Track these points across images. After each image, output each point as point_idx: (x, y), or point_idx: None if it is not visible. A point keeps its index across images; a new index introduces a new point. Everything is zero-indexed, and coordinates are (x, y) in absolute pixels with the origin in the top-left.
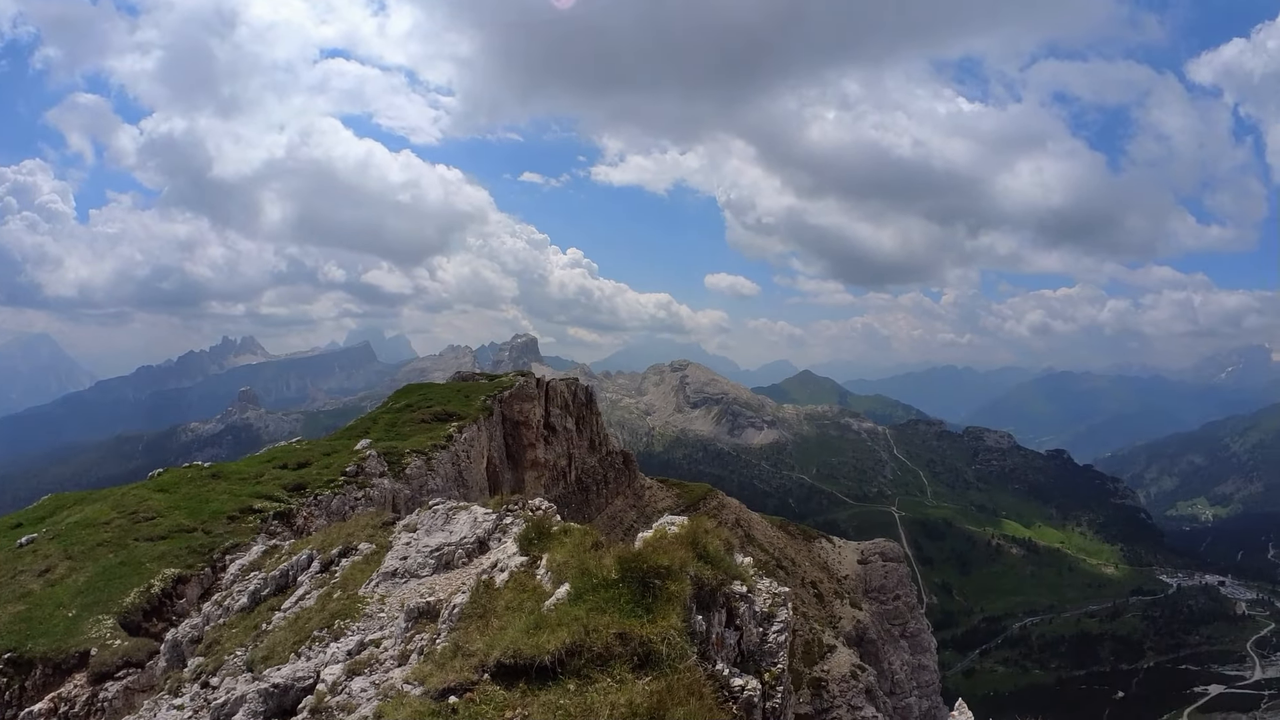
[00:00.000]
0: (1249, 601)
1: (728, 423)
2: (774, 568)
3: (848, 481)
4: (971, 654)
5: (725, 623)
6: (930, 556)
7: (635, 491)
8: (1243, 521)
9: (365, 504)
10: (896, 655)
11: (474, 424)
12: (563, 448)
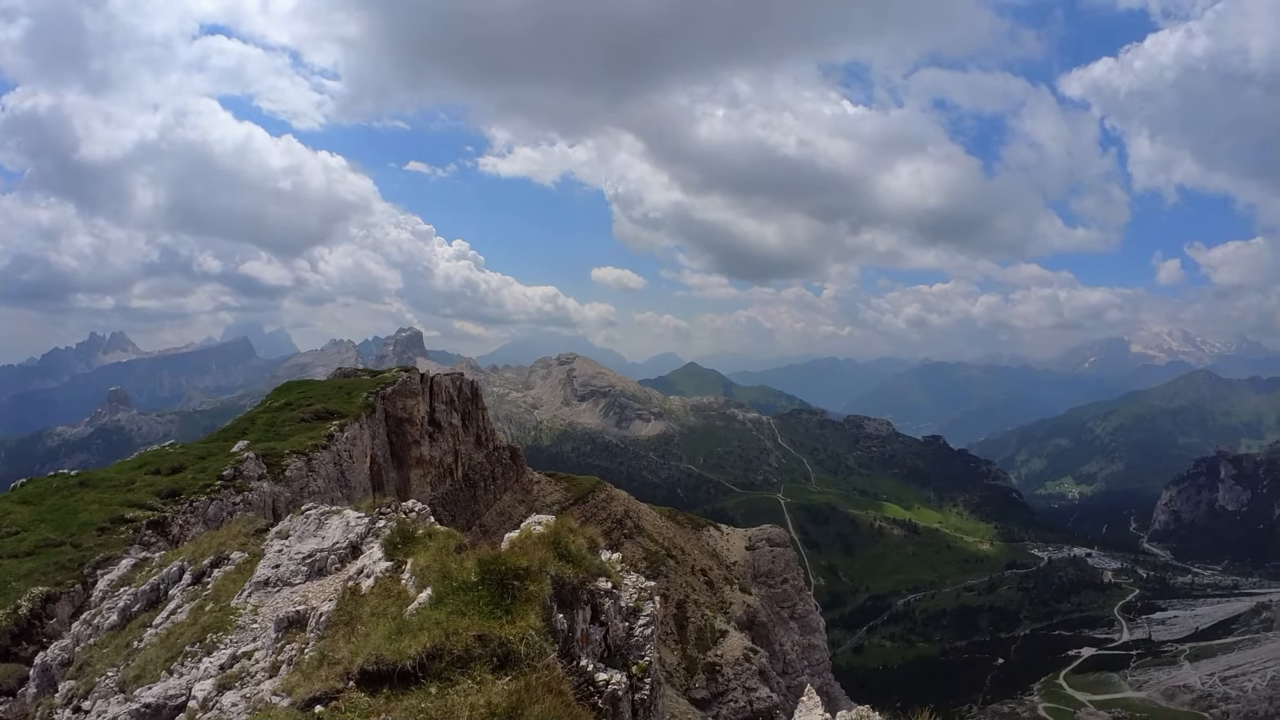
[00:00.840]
0: (1114, 570)
1: (615, 415)
2: (664, 557)
3: (734, 470)
4: (860, 631)
5: (590, 619)
6: (816, 540)
7: (523, 486)
8: (1106, 498)
9: (244, 509)
10: (787, 636)
11: (356, 422)
12: (449, 444)
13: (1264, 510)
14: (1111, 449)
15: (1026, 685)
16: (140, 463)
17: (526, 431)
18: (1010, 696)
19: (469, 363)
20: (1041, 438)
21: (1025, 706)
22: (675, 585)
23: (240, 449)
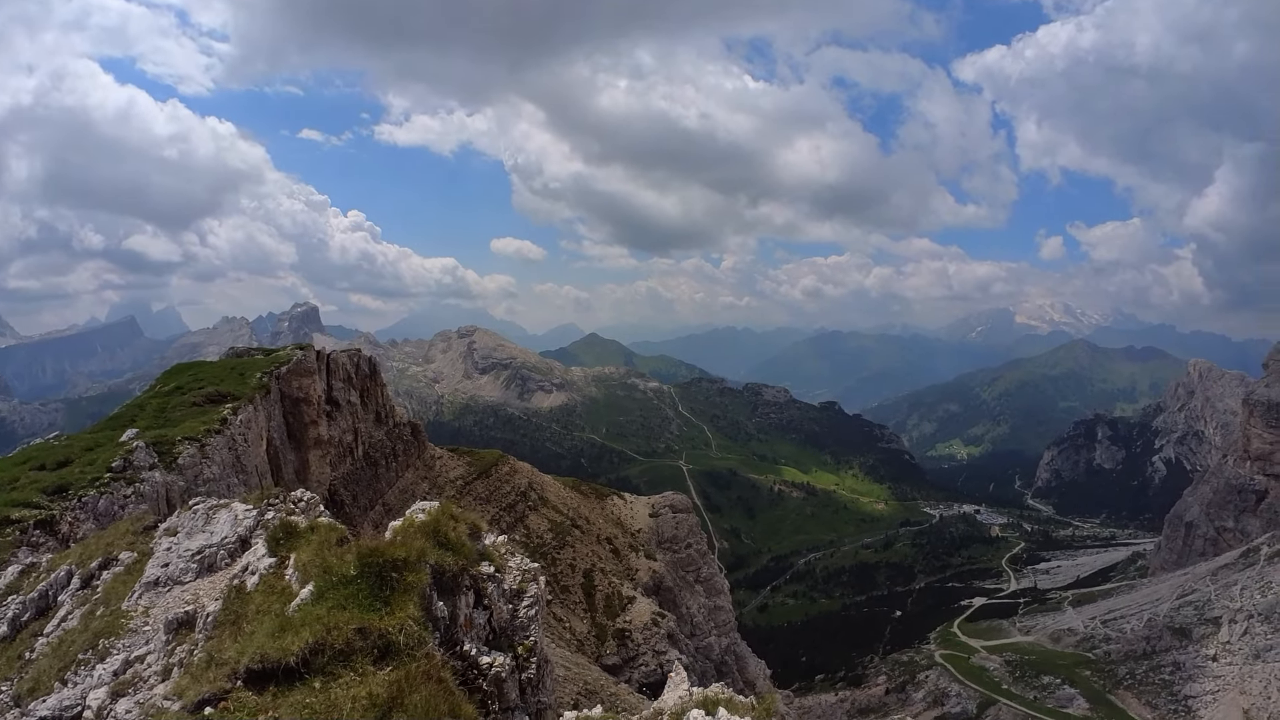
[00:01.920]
0: (1001, 525)
1: (517, 387)
2: (569, 527)
3: (637, 439)
4: (764, 591)
5: (474, 604)
6: (718, 505)
7: (426, 463)
8: (992, 458)
9: (136, 502)
10: (693, 599)
11: (250, 404)
12: (348, 423)
13: (1137, 468)
14: (997, 413)
15: (923, 635)
16: (24, 458)
17: (428, 406)
18: (909, 646)
19: (367, 337)
20: (932, 403)
21: (923, 655)
22: (581, 554)
23: (129, 438)
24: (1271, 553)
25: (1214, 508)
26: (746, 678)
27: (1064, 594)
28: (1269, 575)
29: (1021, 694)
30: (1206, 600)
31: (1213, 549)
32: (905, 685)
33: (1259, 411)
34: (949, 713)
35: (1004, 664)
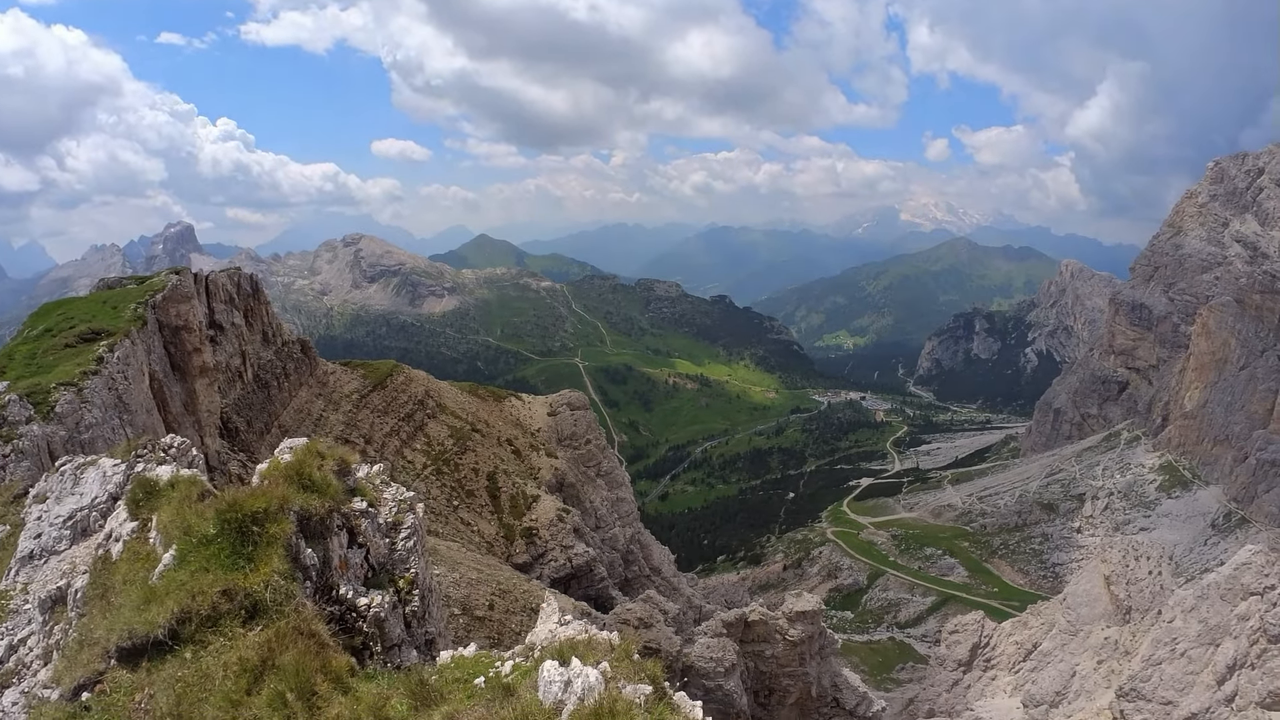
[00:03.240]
0: (885, 411)
1: (408, 294)
2: (469, 432)
3: (532, 339)
4: (664, 480)
5: (348, 544)
6: (615, 399)
7: (319, 379)
8: (876, 348)
9: (17, 460)
10: (596, 493)
11: (127, 339)
12: (234, 346)
13: (1011, 358)
14: (882, 305)
15: (815, 514)
16: None
17: (317, 320)
18: (802, 525)
19: (248, 253)
20: (819, 295)
21: (816, 532)
22: (484, 458)
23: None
24: (1131, 437)
25: (1080, 396)
26: (652, 564)
27: (944, 473)
28: (1128, 457)
29: (907, 565)
30: (1072, 479)
31: (1078, 433)
32: (801, 561)
33: (1124, 311)
34: (842, 584)
35: (890, 538)
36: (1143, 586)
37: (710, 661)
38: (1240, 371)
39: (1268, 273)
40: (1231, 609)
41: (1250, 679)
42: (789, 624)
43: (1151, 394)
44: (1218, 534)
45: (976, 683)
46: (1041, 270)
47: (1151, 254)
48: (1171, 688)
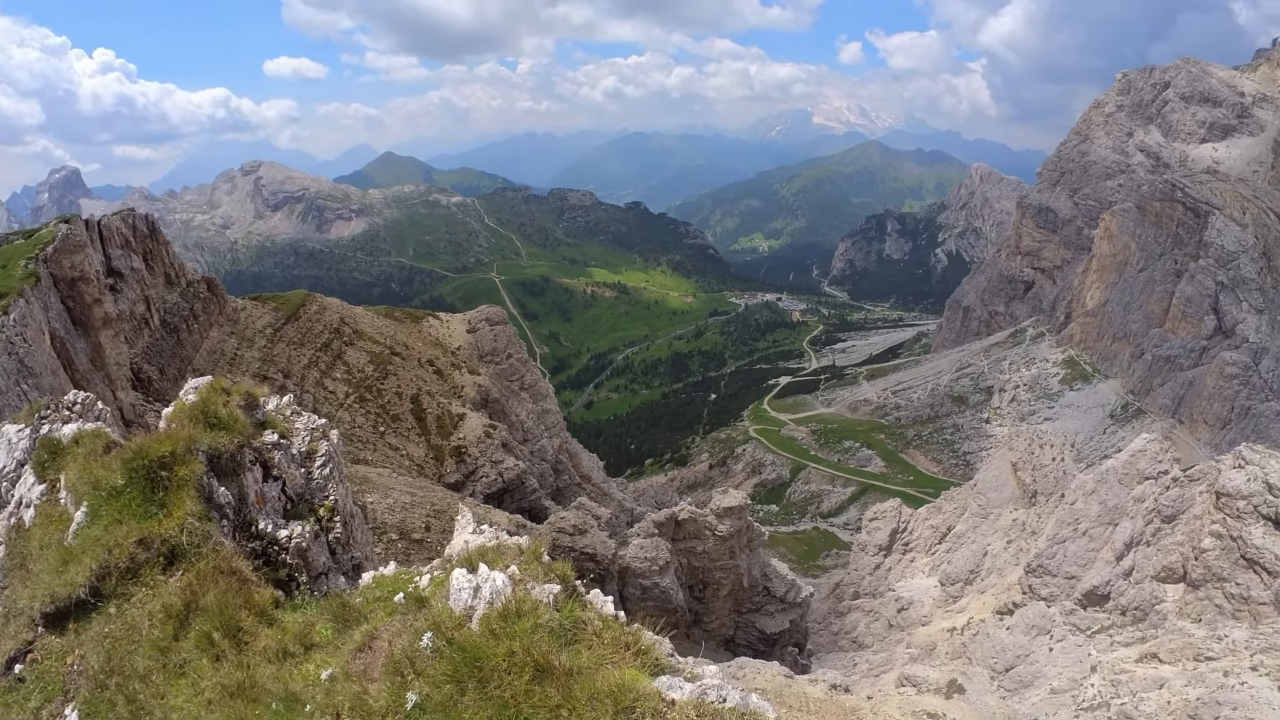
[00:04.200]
0: (801, 311)
1: (314, 219)
2: (389, 356)
3: (445, 256)
4: (588, 389)
5: (263, 478)
6: (534, 312)
7: (229, 317)
8: (791, 250)
9: None
10: (521, 407)
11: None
12: (136, 292)
13: (922, 258)
14: (795, 207)
15: (737, 413)
16: None
17: (222, 256)
18: (725, 425)
19: (141, 192)
20: (733, 199)
21: (739, 431)
22: (406, 381)
23: None
24: (1036, 334)
25: (988, 294)
26: (582, 472)
27: (859, 370)
28: (1033, 352)
29: (827, 458)
30: (981, 373)
31: (986, 330)
32: (726, 460)
33: (1030, 213)
34: (766, 479)
35: (810, 433)
36: (1047, 472)
37: (645, 561)
38: (1139, 274)
39: (1168, 182)
40: (1128, 492)
41: (1146, 555)
42: (717, 520)
43: (1055, 293)
44: (1116, 424)
45: (897, 565)
46: (952, 173)
47: (1059, 160)
48: (1074, 564)
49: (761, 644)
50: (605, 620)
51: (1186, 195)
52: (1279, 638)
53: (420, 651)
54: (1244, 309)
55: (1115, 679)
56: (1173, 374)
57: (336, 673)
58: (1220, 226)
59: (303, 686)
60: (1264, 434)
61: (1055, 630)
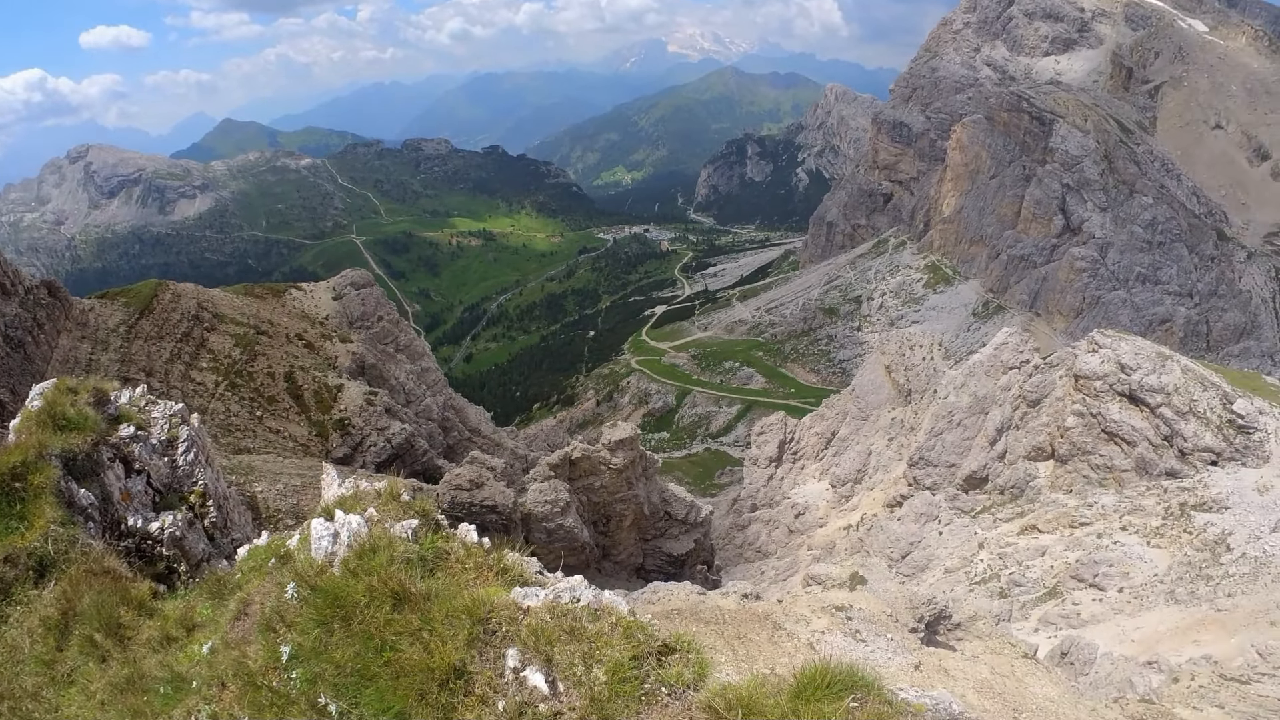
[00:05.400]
0: (670, 240)
1: (155, 202)
2: (255, 336)
3: (301, 224)
4: (465, 341)
5: (125, 474)
6: (401, 270)
7: (78, 321)
8: (654, 181)
9: None
10: (399, 369)
11: None
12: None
13: (784, 179)
14: (655, 138)
15: (618, 347)
16: None
17: (60, 256)
18: (607, 360)
19: None
20: (592, 134)
21: (621, 365)
22: (276, 359)
23: None
24: (898, 243)
25: (849, 209)
26: (470, 427)
27: (731, 292)
28: (896, 261)
29: (709, 380)
30: (849, 284)
31: (850, 243)
32: (612, 394)
33: (885, 129)
34: (654, 408)
35: (691, 358)
36: (919, 371)
37: (545, 505)
38: (991, 180)
39: (1015, 94)
40: (995, 382)
41: (1016, 438)
42: (610, 454)
43: (914, 203)
44: (978, 320)
45: (788, 474)
46: (808, 95)
47: (910, 77)
48: (953, 453)
49: (671, 567)
50: (469, 548)
51: (1032, 105)
52: (1143, 499)
53: (288, 604)
54: (1089, 208)
55: (1001, 552)
56: (1027, 271)
57: (217, 644)
58: (1064, 133)
59: (188, 666)
60: (1113, 320)
61: (942, 515)
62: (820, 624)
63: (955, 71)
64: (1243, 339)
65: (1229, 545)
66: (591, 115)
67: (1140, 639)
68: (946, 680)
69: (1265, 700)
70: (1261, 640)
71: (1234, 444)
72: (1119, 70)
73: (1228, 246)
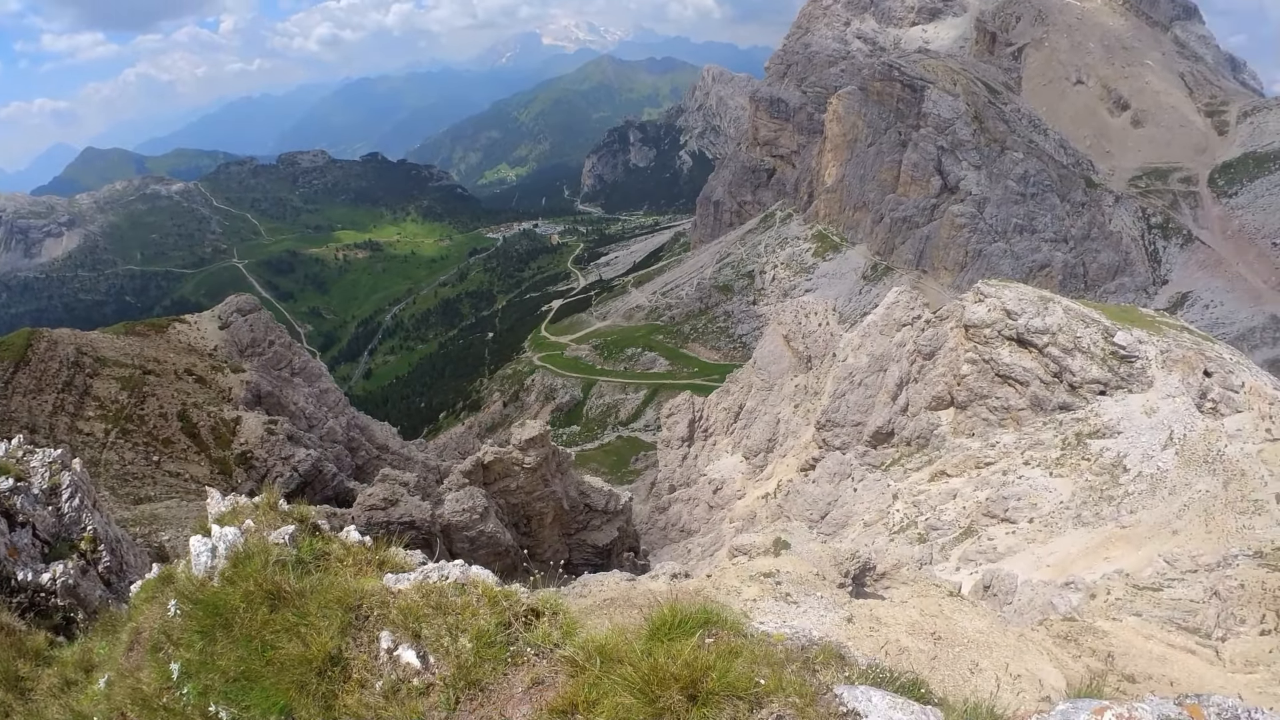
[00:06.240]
0: (559, 233)
1: (19, 244)
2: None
3: (179, 253)
4: (363, 358)
5: (9, 528)
6: (288, 291)
7: None
8: (539, 175)
9: None
10: (297, 393)
11: None
12: None
13: (668, 162)
14: (537, 132)
15: (519, 346)
16: None
17: None
18: (509, 360)
19: None
20: (473, 133)
21: (524, 363)
22: (167, 398)
23: None
24: (784, 216)
25: (734, 186)
26: (378, 444)
27: (626, 279)
28: (784, 233)
29: (613, 369)
30: (740, 260)
31: (738, 220)
32: (518, 394)
33: (763, 106)
34: (561, 403)
35: (593, 349)
36: (816, 337)
37: (464, 513)
38: (869, 148)
39: (886, 64)
40: (891, 340)
41: (916, 390)
42: (522, 453)
43: (796, 176)
44: (868, 283)
45: (702, 452)
46: (685, 78)
47: (784, 53)
48: (858, 411)
49: (598, 558)
50: (348, 547)
51: (903, 74)
52: (1041, 434)
53: (172, 622)
54: (964, 167)
55: (915, 500)
56: (911, 232)
57: (113, 677)
58: (935, 98)
59: (89, 705)
60: (996, 270)
61: (855, 473)
62: (751, 593)
63: (827, 46)
64: (1117, 276)
65: (1125, 466)
66: (470, 114)
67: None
68: (879, 627)
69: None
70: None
71: (1119, 373)
72: (983, 35)
73: (1096, 192)
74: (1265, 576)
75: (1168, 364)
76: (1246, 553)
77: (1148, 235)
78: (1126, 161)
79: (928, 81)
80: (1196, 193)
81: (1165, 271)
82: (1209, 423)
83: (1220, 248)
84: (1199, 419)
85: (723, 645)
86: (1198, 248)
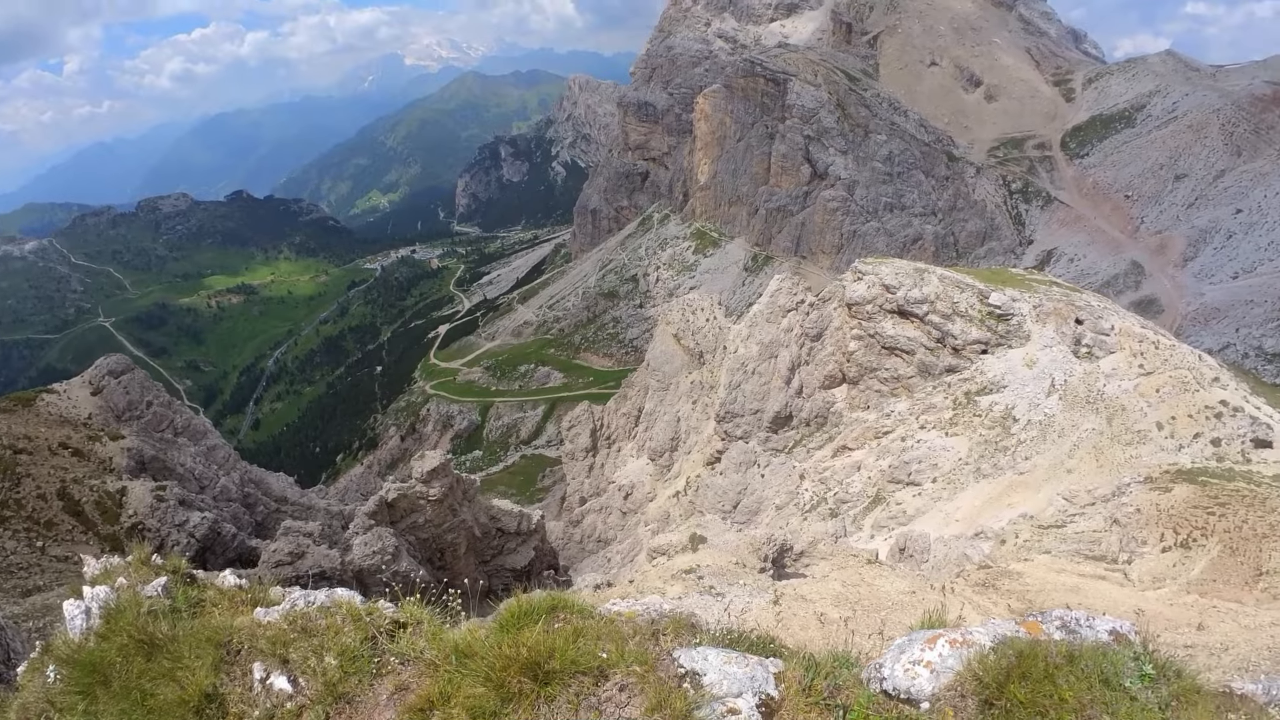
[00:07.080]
0: (439, 257)
1: None
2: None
3: (39, 318)
4: (249, 408)
5: None
6: (162, 346)
7: None
8: (413, 199)
9: None
10: (183, 454)
11: None
12: None
13: (541, 175)
14: (405, 156)
15: (409, 377)
16: None
17: None
18: (402, 392)
19: None
20: (340, 162)
21: (416, 394)
22: (43, 478)
23: None
24: (662, 217)
25: (610, 193)
26: (276, 497)
27: (511, 296)
28: (664, 234)
29: (509, 388)
30: (623, 265)
31: (616, 225)
32: (414, 425)
33: (631, 110)
34: (460, 430)
35: (485, 371)
36: (705, 332)
37: (374, 556)
38: (739, 143)
39: (748, 60)
40: (778, 326)
41: (809, 372)
42: (426, 486)
43: (670, 177)
44: (750, 274)
45: (607, 460)
46: (552, 89)
47: (648, 58)
48: (754, 400)
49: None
50: (224, 591)
51: (766, 69)
52: (932, 398)
53: (52, 689)
54: (831, 153)
55: (822, 477)
56: (786, 220)
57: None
58: (798, 90)
59: None
60: (871, 248)
61: (760, 460)
62: (675, 590)
63: (690, 47)
64: (986, 241)
65: (1014, 417)
66: (336, 142)
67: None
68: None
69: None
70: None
71: (997, 331)
72: (840, 26)
73: (958, 166)
74: (1158, 498)
75: (1041, 317)
76: (1138, 479)
77: (1010, 201)
78: (984, 134)
79: (790, 74)
80: (1051, 157)
81: (1030, 232)
82: (1086, 366)
83: (1078, 205)
84: (1077, 364)
85: (568, 628)
86: (1057, 207)
